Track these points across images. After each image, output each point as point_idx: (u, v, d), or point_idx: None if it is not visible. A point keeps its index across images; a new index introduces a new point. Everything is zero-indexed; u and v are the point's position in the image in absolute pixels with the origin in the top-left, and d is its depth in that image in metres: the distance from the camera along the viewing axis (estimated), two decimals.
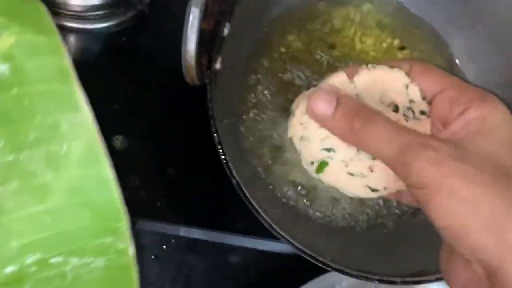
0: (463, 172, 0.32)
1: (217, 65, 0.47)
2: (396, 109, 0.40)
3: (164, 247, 0.63)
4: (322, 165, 0.42)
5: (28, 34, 0.32)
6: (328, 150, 0.41)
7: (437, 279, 0.46)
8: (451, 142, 0.34)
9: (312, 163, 0.42)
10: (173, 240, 0.63)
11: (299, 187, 0.53)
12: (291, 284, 0.55)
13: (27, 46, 0.32)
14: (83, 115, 0.34)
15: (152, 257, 0.63)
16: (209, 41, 0.46)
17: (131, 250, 0.38)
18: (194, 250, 0.64)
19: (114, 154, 0.58)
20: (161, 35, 0.63)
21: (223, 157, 0.45)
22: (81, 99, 0.34)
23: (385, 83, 0.40)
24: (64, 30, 0.61)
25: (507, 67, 0.53)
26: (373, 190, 0.42)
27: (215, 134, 0.46)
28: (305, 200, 0.53)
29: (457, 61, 0.57)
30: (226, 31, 0.48)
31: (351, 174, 0.42)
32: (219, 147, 0.45)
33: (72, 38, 0.62)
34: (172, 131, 0.61)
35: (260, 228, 0.60)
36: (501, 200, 0.31)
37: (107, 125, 0.59)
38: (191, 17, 0.42)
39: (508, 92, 0.53)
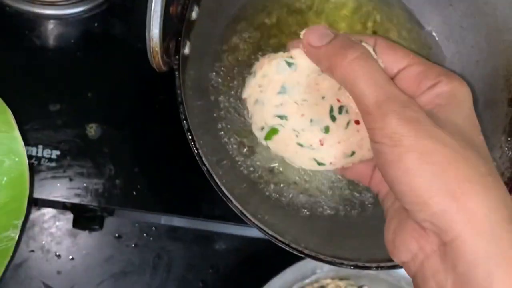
0: (438, 136, 0.32)
1: (186, 50, 0.46)
2: None
3: (144, 235, 0.63)
4: (271, 132, 0.42)
5: None
6: (281, 117, 0.41)
7: None
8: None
9: (263, 128, 0.42)
10: (153, 228, 0.63)
11: (274, 174, 0.53)
12: (271, 269, 0.55)
13: None
14: (21, 156, 0.47)
15: (133, 245, 0.63)
16: (176, 26, 0.45)
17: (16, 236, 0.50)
18: (174, 238, 0.64)
19: (88, 143, 0.58)
20: (133, 20, 0.62)
21: (192, 143, 0.44)
22: (21, 144, 0.47)
23: None
24: (35, 17, 0.60)
25: (485, 44, 0.53)
26: (320, 163, 0.42)
27: (184, 121, 0.45)
28: (280, 187, 0.53)
29: (436, 39, 0.56)
30: (194, 15, 0.46)
31: (300, 144, 0.42)
32: (188, 134, 0.44)
33: (44, 25, 0.61)
34: (147, 118, 0.60)
35: (237, 215, 0.60)
36: (470, 167, 0.31)
37: (81, 113, 0.59)
38: (153, 1, 0.41)
39: (487, 69, 0.52)
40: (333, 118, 0.42)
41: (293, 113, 0.41)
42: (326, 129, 0.42)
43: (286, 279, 0.53)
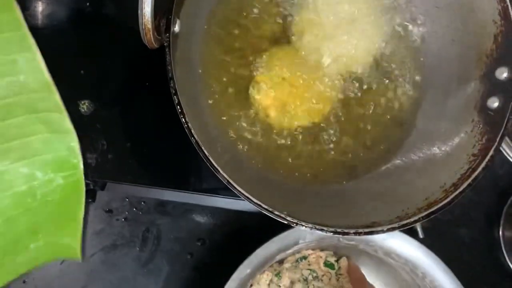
0: None
1: (176, 28, 0.48)
2: None
3: (134, 209, 0.65)
4: None
5: None
6: None
7: (388, 230, 0.48)
8: None
9: None
10: (142, 203, 0.65)
11: (260, 149, 0.55)
12: (256, 242, 0.57)
13: None
14: (33, 53, 0.42)
15: (122, 219, 0.65)
16: (167, 4, 0.47)
17: (81, 165, 0.46)
18: (162, 212, 0.66)
19: (81, 119, 0.60)
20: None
21: (181, 116, 0.46)
22: (31, 42, 0.42)
23: None
24: None
25: (460, 23, 0.55)
26: None
27: (175, 96, 0.47)
28: (263, 159, 0.55)
29: (416, 20, 0.59)
30: None
31: None
32: (178, 107, 0.47)
33: (37, 4, 0.62)
34: (138, 95, 0.62)
35: (226, 188, 0.62)
36: None
37: (74, 90, 0.60)
38: None
39: (462, 48, 0.55)
40: None
41: None
42: None
43: (270, 249, 0.54)
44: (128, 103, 0.62)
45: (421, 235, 0.60)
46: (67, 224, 0.46)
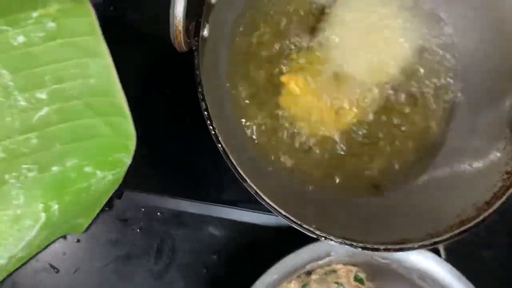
0: None
1: (205, 32, 0.47)
2: None
3: (150, 219, 0.64)
4: None
5: (68, 3, 0.43)
6: None
7: (419, 247, 0.46)
8: None
9: None
10: (158, 213, 0.64)
11: (287, 157, 0.54)
12: (274, 256, 0.55)
13: (67, 10, 0.43)
14: (105, 58, 0.44)
15: (137, 229, 0.63)
16: (196, 8, 0.46)
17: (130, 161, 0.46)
18: (178, 223, 0.64)
19: None
20: (149, 4, 0.62)
21: (208, 122, 0.45)
22: (104, 48, 0.44)
23: None
24: None
25: (492, 36, 0.54)
26: None
27: (202, 102, 0.45)
28: (296, 170, 0.54)
29: (451, 33, 0.58)
30: None
31: None
32: (206, 113, 0.45)
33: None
34: (157, 101, 0.61)
35: (246, 200, 0.61)
36: None
37: None
38: None
39: (494, 61, 0.54)
40: None
41: None
42: None
43: (302, 257, 0.52)
44: (147, 109, 0.61)
45: (443, 256, 0.58)
46: (91, 210, 0.49)
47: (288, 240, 0.51)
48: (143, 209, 0.64)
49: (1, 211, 0.38)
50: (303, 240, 0.50)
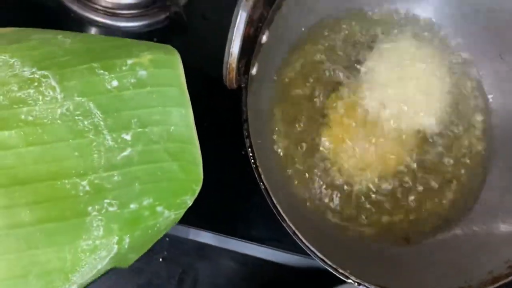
0: None
1: (253, 70, 0.48)
2: None
3: (173, 249, 0.63)
4: None
5: (160, 54, 0.47)
6: None
7: None
8: None
9: None
10: (182, 244, 0.63)
11: (328, 200, 0.54)
12: None
13: (158, 61, 0.46)
14: (187, 109, 0.46)
15: (160, 258, 0.63)
16: (247, 46, 0.47)
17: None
18: (202, 255, 0.63)
19: None
20: (193, 38, 0.63)
21: (252, 160, 0.46)
22: (187, 99, 0.47)
23: None
24: (98, 26, 0.62)
25: None
26: None
27: (247, 139, 0.46)
28: (332, 213, 0.54)
29: (484, 87, 0.59)
30: (264, 38, 0.49)
31: None
32: (250, 150, 0.46)
33: (105, 35, 0.62)
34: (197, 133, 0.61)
35: (273, 238, 0.60)
36: None
37: None
38: (238, 20, 0.43)
39: None
40: None
41: None
42: None
43: None
44: None
45: None
46: (145, 246, 0.50)
47: (311, 281, 0.50)
48: (167, 239, 0.63)
49: (83, 241, 0.40)
50: (326, 282, 0.50)
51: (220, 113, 0.61)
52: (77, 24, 0.62)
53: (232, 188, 0.61)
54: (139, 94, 0.44)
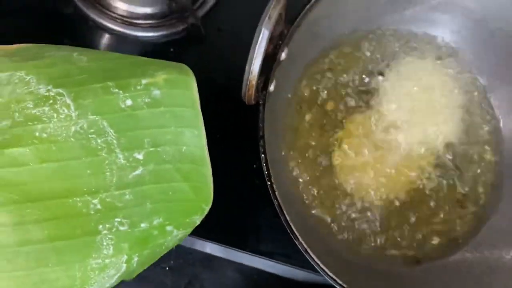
0: None
1: (271, 87, 0.48)
2: None
3: (180, 259, 0.63)
4: None
5: (174, 74, 0.47)
6: None
7: None
8: None
9: None
10: (189, 254, 0.63)
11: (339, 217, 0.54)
12: None
13: (173, 81, 0.47)
14: (200, 130, 0.46)
15: (167, 267, 0.63)
16: (265, 63, 0.47)
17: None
18: (208, 267, 0.63)
19: None
20: (209, 50, 0.63)
21: (267, 177, 0.45)
22: (200, 120, 0.47)
23: None
24: (116, 35, 0.62)
25: None
26: None
27: (263, 155, 0.46)
28: (342, 231, 0.54)
29: (499, 113, 0.58)
30: (283, 55, 0.48)
31: None
32: (265, 166, 0.46)
33: (122, 44, 0.63)
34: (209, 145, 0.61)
35: (282, 254, 0.60)
36: None
37: None
38: (260, 38, 0.43)
39: None
40: None
41: None
42: None
43: None
44: None
45: None
46: (151, 261, 0.50)
47: None
48: (174, 248, 0.63)
49: (93, 260, 0.41)
50: None
51: (233, 125, 0.61)
52: (94, 32, 0.62)
53: (242, 201, 0.61)
54: (152, 114, 0.44)
